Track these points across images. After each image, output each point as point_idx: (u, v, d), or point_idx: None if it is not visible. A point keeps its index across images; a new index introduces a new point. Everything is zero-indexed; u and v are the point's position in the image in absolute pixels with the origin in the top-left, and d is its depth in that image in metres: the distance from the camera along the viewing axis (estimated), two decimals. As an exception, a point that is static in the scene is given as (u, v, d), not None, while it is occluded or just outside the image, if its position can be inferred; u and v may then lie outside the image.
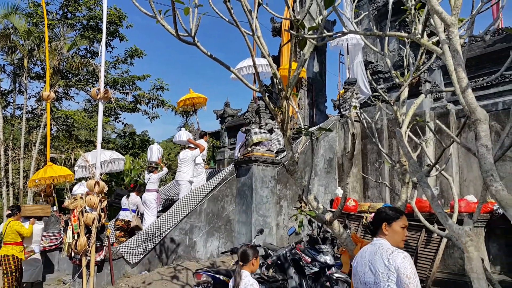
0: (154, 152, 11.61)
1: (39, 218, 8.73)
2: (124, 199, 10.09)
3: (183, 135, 11.58)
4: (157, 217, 9.65)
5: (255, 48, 8.85)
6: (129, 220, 9.76)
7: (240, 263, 3.70)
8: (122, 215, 9.88)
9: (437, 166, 3.30)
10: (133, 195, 10.01)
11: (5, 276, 7.48)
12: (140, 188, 10.35)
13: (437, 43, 2.55)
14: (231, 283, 3.76)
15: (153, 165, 11.02)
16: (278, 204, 9.57)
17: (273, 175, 9.55)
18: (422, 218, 3.04)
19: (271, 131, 11.83)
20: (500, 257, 7.95)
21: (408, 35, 2.57)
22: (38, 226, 8.52)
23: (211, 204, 9.33)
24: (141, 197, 10.12)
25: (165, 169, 11.35)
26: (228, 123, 15.43)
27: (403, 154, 2.68)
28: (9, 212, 7.96)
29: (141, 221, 10.00)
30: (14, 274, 7.47)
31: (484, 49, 9.48)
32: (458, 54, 1.85)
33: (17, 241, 7.54)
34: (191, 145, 10.79)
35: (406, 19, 3.01)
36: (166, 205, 11.47)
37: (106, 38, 17.26)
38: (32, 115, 19.04)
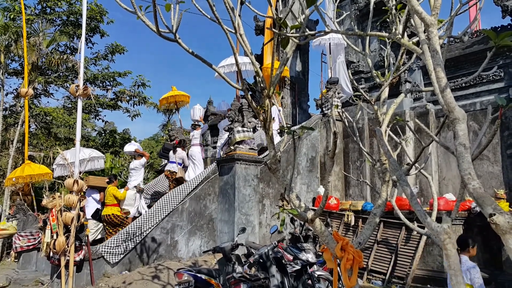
0: (197, 112, 14.08)
1: (102, 189, 10.00)
2: (171, 153, 11.30)
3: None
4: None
5: (238, 47, 8.82)
6: (174, 171, 10.96)
7: (459, 249, 4.34)
8: (169, 166, 11.21)
9: (416, 164, 3.34)
10: (179, 149, 11.21)
11: (109, 229, 9.11)
12: (185, 143, 11.67)
13: (417, 44, 2.58)
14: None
15: (196, 122, 12.82)
16: (260, 203, 9.58)
17: (256, 173, 9.55)
18: (402, 216, 3.07)
19: (254, 129, 11.85)
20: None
21: (389, 35, 2.59)
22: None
23: (193, 203, 9.27)
24: (186, 153, 11.48)
25: (206, 125, 13.17)
26: (211, 121, 15.35)
27: (383, 153, 2.71)
28: (108, 180, 9.60)
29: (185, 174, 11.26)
30: (118, 227, 8.94)
31: (463, 50, 9.67)
32: (438, 54, 1.87)
33: (114, 203, 9.16)
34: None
35: (387, 19, 3.04)
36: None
37: (86, 34, 17.01)
38: (9, 112, 18.62)
